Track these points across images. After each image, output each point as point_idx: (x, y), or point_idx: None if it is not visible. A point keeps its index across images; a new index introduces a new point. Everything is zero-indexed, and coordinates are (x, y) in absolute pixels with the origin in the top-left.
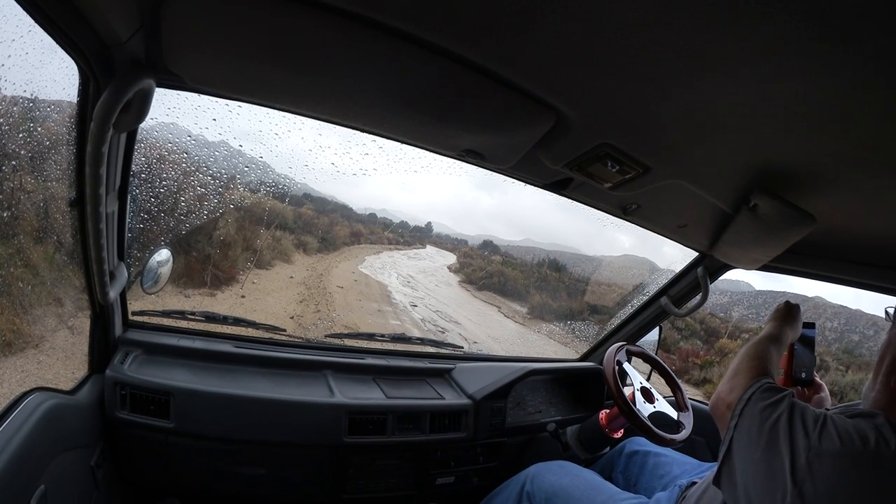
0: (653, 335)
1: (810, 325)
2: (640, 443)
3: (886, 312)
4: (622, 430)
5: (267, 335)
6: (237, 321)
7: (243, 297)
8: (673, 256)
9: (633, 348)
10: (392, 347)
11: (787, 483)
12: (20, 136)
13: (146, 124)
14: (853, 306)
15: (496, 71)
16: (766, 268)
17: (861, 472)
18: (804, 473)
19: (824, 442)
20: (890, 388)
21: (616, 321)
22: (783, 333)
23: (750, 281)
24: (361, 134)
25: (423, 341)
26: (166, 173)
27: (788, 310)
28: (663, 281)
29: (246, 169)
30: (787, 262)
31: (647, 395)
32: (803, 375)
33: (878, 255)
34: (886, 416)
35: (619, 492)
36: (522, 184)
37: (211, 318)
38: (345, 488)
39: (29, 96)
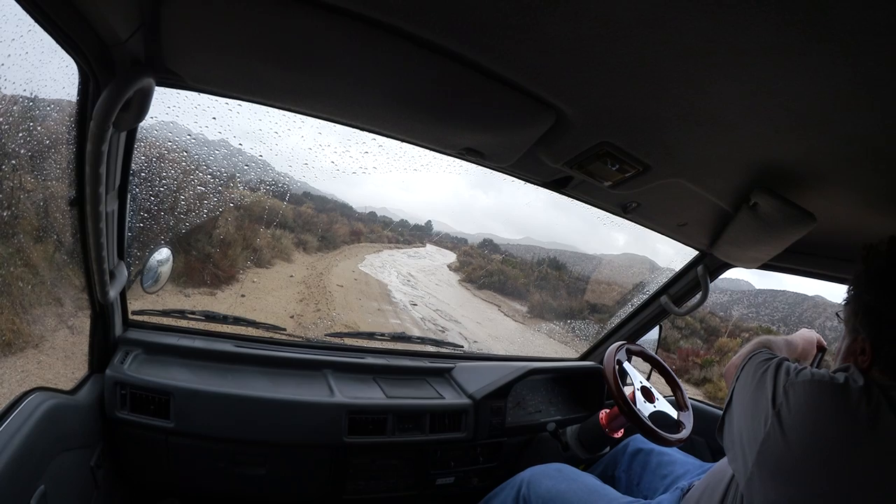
0: (653, 334)
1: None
2: (644, 441)
3: (837, 315)
4: (622, 430)
5: (267, 334)
6: (237, 320)
7: (243, 296)
8: (672, 255)
9: (633, 347)
10: (392, 346)
11: (768, 409)
12: (20, 135)
13: (146, 123)
14: None
15: (496, 70)
16: (766, 266)
17: (829, 397)
18: (781, 398)
19: (800, 376)
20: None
21: (616, 320)
22: (794, 341)
23: (749, 280)
24: (361, 132)
25: (423, 340)
26: (166, 172)
27: (808, 331)
28: (663, 280)
29: (246, 167)
30: (788, 261)
31: (648, 395)
32: None
33: None
34: (856, 368)
35: (619, 496)
36: (519, 182)
37: (211, 317)
38: (345, 488)
39: (29, 95)
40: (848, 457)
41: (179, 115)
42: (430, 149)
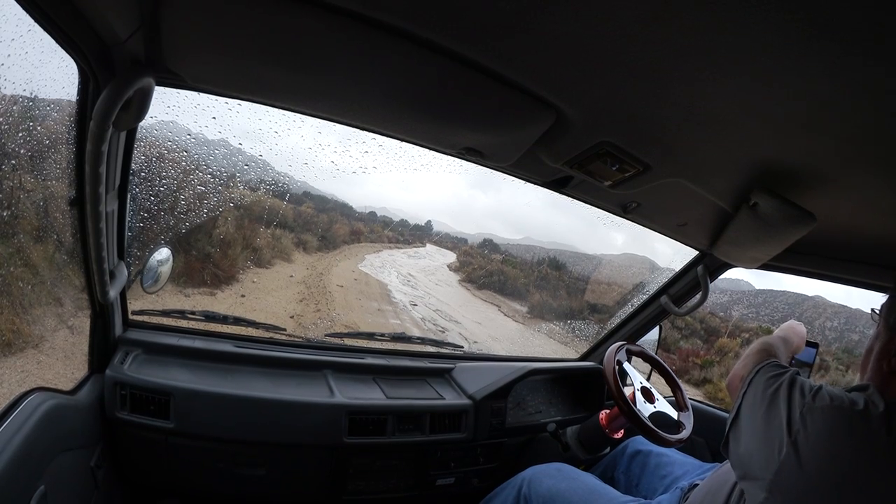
0: (653, 334)
1: (813, 345)
2: (643, 443)
3: (872, 311)
4: (622, 431)
5: (267, 335)
6: (237, 320)
7: (243, 296)
8: (672, 255)
9: (633, 348)
10: (392, 347)
11: (783, 435)
12: (20, 134)
13: (146, 123)
14: (853, 305)
15: (496, 69)
16: (766, 266)
17: (849, 426)
18: (798, 425)
19: (818, 400)
20: (882, 372)
21: (616, 320)
22: (790, 337)
23: (749, 280)
24: (361, 132)
25: (423, 341)
26: (166, 172)
27: (797, 324)
28: (663, 280)
29: (245, 167)
30: (788, 261)
31: (648, 395)
32: None
33: (879, 253)
34: (876, 388)
35: (618, 495)
36: (519, 182)
37: (211, 317)
38: (345, 489)
39: (29, 95)
40: (866, 484)
41: (179, 114)
42: (430, 148)
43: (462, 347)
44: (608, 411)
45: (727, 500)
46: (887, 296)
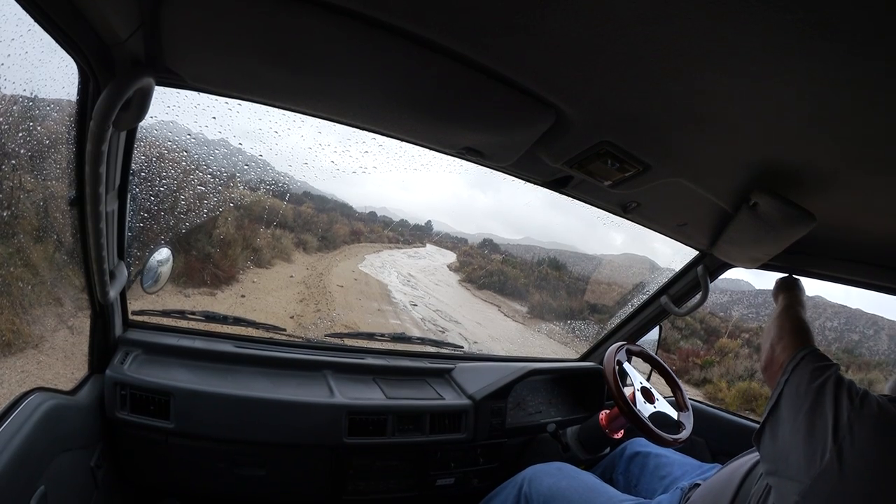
0: (653, 334)
1: None
2: (642, 444)
3: None
4: (622, 431)
5: (267, 335)
6: (237, 321)
7: (243, 296)
8: (672, 255)
9: (633, 348)
10: (392, 347)
11: (827, 440)
12: (20, 134)
13: (146, 122)
14: (853, 306)
15: (496, 69)
16: (766, 266)
17: (894, 440)
18: (845, 432)
19: (865, 407)
20: None
21: (616, 320)
22: (804, 302)
23: (749, 280)
24: (361, 132)
25: (423, 341)
26: (166, 172)
27: (791, 281)
28: (663, 280)
29: (245, 167)
30: (788, 262)
31: (648, 396)
32: None
33: (879, 254)
34: None
35: (618, 494)
36: (519, 181)
37: (211, 317)
38: (345, 489)
39: (29, 95)
40: None
41: (179, 114)
42: (430, 148)
43: (462, 348)
44: (608, 411)
45: (732, 500)
46: None
